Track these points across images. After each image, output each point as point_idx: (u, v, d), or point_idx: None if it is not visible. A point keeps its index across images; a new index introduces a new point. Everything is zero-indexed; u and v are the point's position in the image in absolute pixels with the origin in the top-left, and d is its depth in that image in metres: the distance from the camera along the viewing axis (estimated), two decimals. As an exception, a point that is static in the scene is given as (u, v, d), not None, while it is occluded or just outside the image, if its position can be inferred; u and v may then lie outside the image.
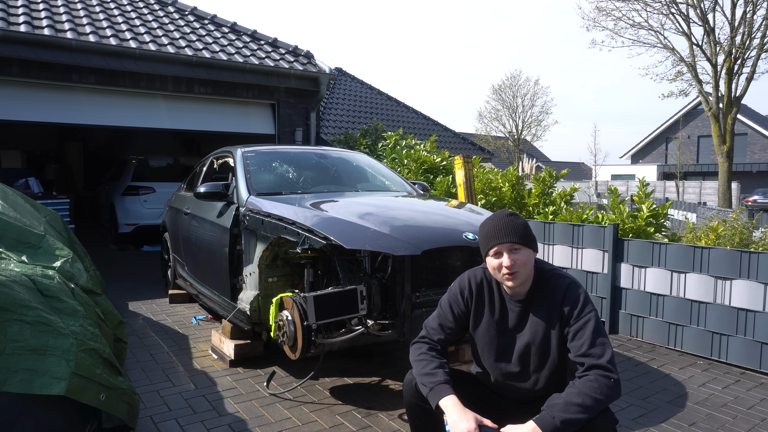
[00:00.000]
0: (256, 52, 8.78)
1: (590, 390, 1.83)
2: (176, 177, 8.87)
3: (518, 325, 2.12)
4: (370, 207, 3.57)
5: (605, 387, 1.84)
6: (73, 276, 3.13)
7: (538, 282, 2.10)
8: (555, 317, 2.04)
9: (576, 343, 1.96)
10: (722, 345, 4.03)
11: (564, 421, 1.78)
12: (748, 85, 15.97)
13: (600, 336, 1.95)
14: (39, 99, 7.00)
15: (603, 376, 1.86)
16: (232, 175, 4.39)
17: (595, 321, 1.97)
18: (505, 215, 2.08)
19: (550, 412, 1.82)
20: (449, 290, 2.25)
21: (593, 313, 2.00)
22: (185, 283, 5.15)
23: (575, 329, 1.98)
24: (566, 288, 2.05)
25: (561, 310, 2.03)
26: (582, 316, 1.99)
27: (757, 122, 33.83)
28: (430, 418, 2.11)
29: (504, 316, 2.14)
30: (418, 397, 2.10)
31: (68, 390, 2.11)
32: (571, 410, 1.80)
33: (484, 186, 6.93)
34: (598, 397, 1.82)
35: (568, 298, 2.03)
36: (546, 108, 36.24)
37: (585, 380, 1.87)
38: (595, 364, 1.89)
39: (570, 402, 1.82)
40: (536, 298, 2.09)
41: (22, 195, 4.14)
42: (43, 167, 12.82)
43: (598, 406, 1.82)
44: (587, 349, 1.92)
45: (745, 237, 6.32)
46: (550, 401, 1.87)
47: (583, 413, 1.80)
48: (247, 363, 3.83)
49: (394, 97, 17.35)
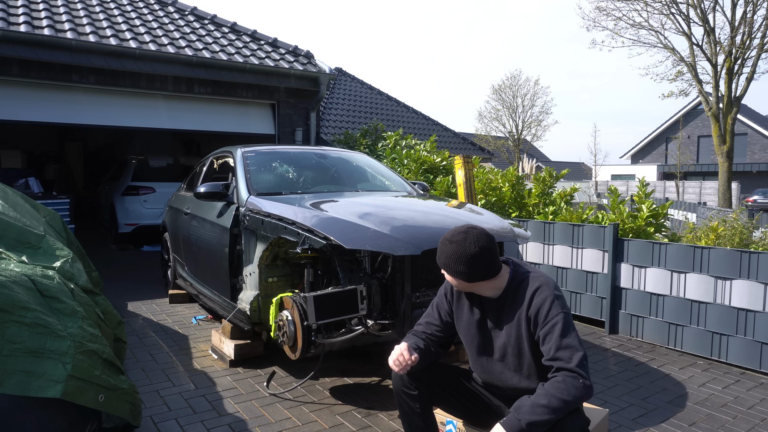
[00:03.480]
0: (256, 52, 8.78)
1: (557, 391, 1.83)
2: (176, 177, 8.87)
3: (495, 325, 2.15)
4: (370, 207, 3.57)
5: (572, 388, 1.83)
6: (73, 276, 3.13)
7: (511, 284, 2.11)
8: (523, 320, 2.05)
9: (545, 347, 1.96)
10: (722, 345, 4.03)
11: (530, 423, 1.79)
12: (748, 85, 15.99)
13: (567, 338, 1.92)
14: (39, 99, 7.00)
15: (570, 377, 1.85)
16: (232, 175, 4.39)
17: (562, 324, 1.94)
18: (447, 239, 2.09)
19: (517, 415, 1.83)
20: (438, 291, 2.36)
21: (560, 315, 1.96)
22: (185, 283, 5.15)
23: (543, 333, 1.98)
24: (534, 291, 2.04)
25: (528, 315, 2.03)
26: (548, 320, 1.97)
27: (757, 122, 33.82)
28: (416, 408, 2.18)
29: (483, 315, 2.18)
30: (404, 386, 2.18)
31: (64, 392, 2.11)
32: (537, 412, 1.80)
33: (484, 186, 6.93)
34: (565, 398, 1.81)
35: (535, 302, 2.02)
36: (546, 108, 36.25)
37: (552, 381, 1.88)
38: (563, 367, 1.88)
39: (536, 404, 1.82)
40: (508, 301, 2.11)
41: (22, 195, 4.14)
42: (43, 167, 12.81)
43: (566, 408, 1.81)
44: (554, 352, 1.92)
45: (745, 237, 6.31)
46: (518, 403, 1.88)
47: (549, 414, 1.80)
48: (247, 363, 3.83)
49: (394, 97, 17.35)
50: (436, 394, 2.24)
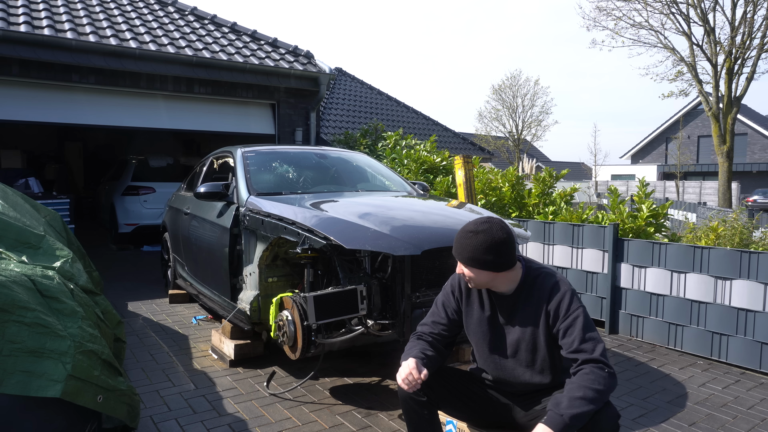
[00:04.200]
0: (256, 52, 8.78)
1: (589, 382, 1.85)
2: (176, 177, 8.87)
3: (508, 321, 2.16)
4: (370, 207, 3.57)
5: (602, 378, 1.86)
6: (73, 276, 3.13)
7: (525, 281, 2.12)
8: (541, 315, 2.07)
9: (567, 340, 1.98)
10: (722, 345, 4.03)
11: (572, 417, 1.80)
12: (748, 85, 15.99)
13: (589, 331, 1.97)
14: (39, 99, 7.00)
15: (597, 368, 1.89)
16: (232, 175, 4.39)
17: (583, 317, 1.99)
18: (467, 230, 2.09)
19: (557, 411, 1.82)
20: (443, 289, 2.33)
21: (581, 309, 2.02)
22: (185, 283, 5.15)
23: (565, 327, 2.00)
24: (552, 286, 2.07)
25: (547, 309, 2.05)
26: (570, 314, 2.01)
27: (757, 122, 33.83)
28: (425, 414, 2.15)
29: (494, 311, 2.18)
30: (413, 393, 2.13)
31: (64, 392, 2.11)
32: (575, 405, 1.82)
33: (484, 186, 6.93)
34: (598, 388, 1.84)
35: (555, 297, 2.05)
36: (546, 108, 36.26)
37: (581, 374, 1.89)
38: (588, 358, 1.91)
39: (573, 397, 1.84)
40: (523, 296, 2.12)
41: (22, 195, 4.14)
42: (43, 167, 12.81)
43: (601, 397, 1.84)
44: (579, 344, 1.95)
45: (745, 237, 6.31)
46: (553, 401, 1.88)
47: (588, 405, 1.81)
48: (247, 363, 3.83)
49: (394, 97, 17.36)
50: (444, 398, 2.22)
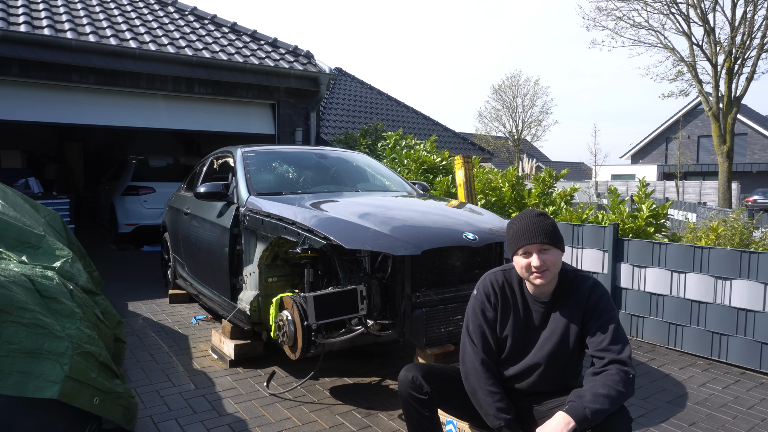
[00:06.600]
0: (256, 52, 8.78)
1: (613, 383, 1.87)
2: (176, 177, 8.87)
3: (541, 325, 2.16)
4: (370, 207, 3.57)
5: (626, 381, 1.89)
6: (73, 276, 3.13)
7: (563, 282, 2.14)
8: (578, 316, 2.09)
9: (596, 339, 2.01)
10: (722, 345, 4.03)
11: (594, 412, 1.81)
12: (748, 85, 15.98)
13: (620, 333, 2.00)
14: (39, 99, 7.00)
15: (623, 371, 1.91)
16: (232, 175, 4.38)
17: (616, 319, 2.04)
18: (535, 215, 2.10)
19: (581, 402, 1.84)
20: (474, 298, 2.22)
21: (615, 312, 2.06)
22: (185, 283, 5.15)
23: (597, 326, 2.03)
24: (590, 288, 2.10)
25: (586, 308, 2.08)
26: (605, 314, 2.05)
27: (757, 122, 33.82)
28: (425, 413, 2.15)
29: (528, 316, 2.18)
30: (414, 390, 2.14)
31: (61, 393, 2.11)
32: (599, 401, 1.83)
33: (484, 186, 6.93)
34: (621, 390, 1.86)
35: (593, 297, 2.08)
36: (546, 108, 36.33)
37: (607, 374, 1.91)
38: (616, 359, 1.94)
39: (597, 393, 1.85)
40: (561, 298, 2.13)
41: (21, 195, 4.15)
42: (43, 167, 12.81)
43: (621, 399, 1.86)
44: (608, 344, 1.97)
45: (745, 237, 6.31)
46: (577, 393, 1.90)
47: (609, 404, 1.83)
48: (247, 363, 3.83)
49: (394, 97, 17.36)
50: (445, 398, 2.21)
